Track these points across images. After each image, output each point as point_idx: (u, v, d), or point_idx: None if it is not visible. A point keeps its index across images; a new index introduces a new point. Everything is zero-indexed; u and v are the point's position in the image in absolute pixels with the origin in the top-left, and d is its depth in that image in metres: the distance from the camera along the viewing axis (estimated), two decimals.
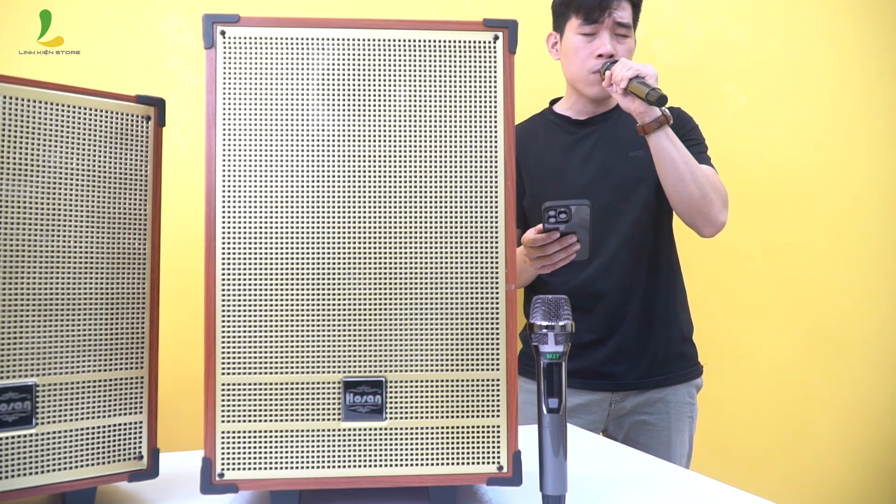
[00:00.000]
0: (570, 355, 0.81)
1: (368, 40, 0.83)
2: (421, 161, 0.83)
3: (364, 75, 0.83)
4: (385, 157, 0.82)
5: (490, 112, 0.84)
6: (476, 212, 0.83)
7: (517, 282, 1.32)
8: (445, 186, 0.83)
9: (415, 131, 0.83)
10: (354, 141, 0.82)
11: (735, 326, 2.05)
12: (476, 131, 0.83)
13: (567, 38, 1.49)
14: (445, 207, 0.83)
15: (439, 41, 0.83)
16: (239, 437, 0.80)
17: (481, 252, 0.83)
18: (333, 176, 0.82)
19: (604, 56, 1.44)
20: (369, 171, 0.82)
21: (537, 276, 1.47)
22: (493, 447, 0.82)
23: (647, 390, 1.51)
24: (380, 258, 0.82)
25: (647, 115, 1.34)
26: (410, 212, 0.82)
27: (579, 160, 1.52)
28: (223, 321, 0.80)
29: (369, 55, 0.83)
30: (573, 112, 1.57)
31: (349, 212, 0.82)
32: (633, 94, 1.33)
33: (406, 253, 0.82)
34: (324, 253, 0.81)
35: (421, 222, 0.82)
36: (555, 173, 1.52)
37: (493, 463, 0.82)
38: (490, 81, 0.84)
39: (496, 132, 0.84)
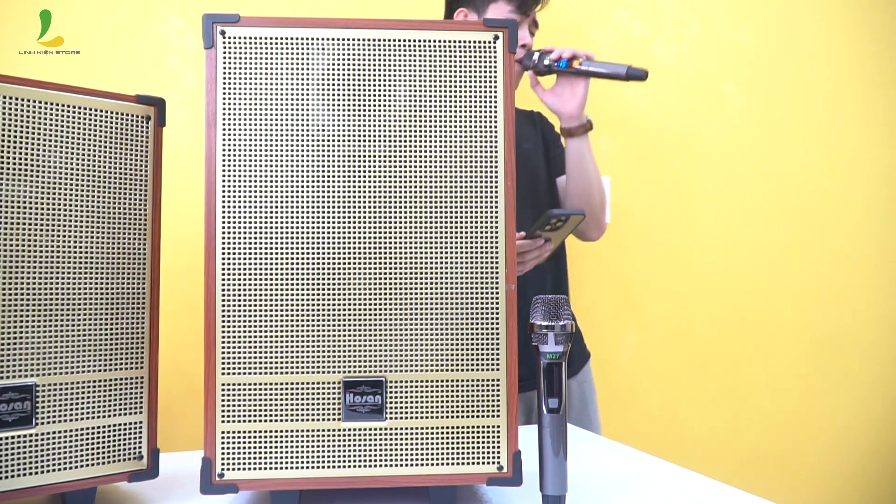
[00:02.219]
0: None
1: (368, 40, 0.83)
2: (421, 161, 0.83)
3: (364, 75, 0.83)
4: (385, 156, 0.82)
5: (490, 112, 0.84)
6: (476, 212, 0.83)
7: None
8: (445, 186, 0.83)
9: (415, 131, 0.83)
10: (354, 141, 0.82)
11: (735, 327, 2.05)
12: (476, 131, 0.83)
13: None
14: (445, 207, 0.83)
15: (439, 41, 0.83)
16: (239, 437, 0.80)
17: (481, 252, 0.83)
18: (333, 176, 0.82)
19: (526, 47, 1.42)
20: (369, 171, 0.82)
21: None
22: (493, 447, 0.82)
23: (568, 379, 1.54)
24: (380, 258, 0.82)
25: (577, 119, 1.36)
26: (410, 212, 0.82)
27: None
28: (223, 321, 0.80)
29: (369, 55, 0.83)
30: None
31: (349, 212, 0.82)
32: (576, 79, 1.32)
33: (406, 253, 0.82)
34: (324, 253, 0.81)
35: (421, 222, 0.82)
36: None
37: (493, 463, 0.82)
38: (490, 81, 0.84)
39: (496, 132, 0.84)
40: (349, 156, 0.82)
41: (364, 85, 0.83)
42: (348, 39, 0.83)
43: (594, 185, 1.41)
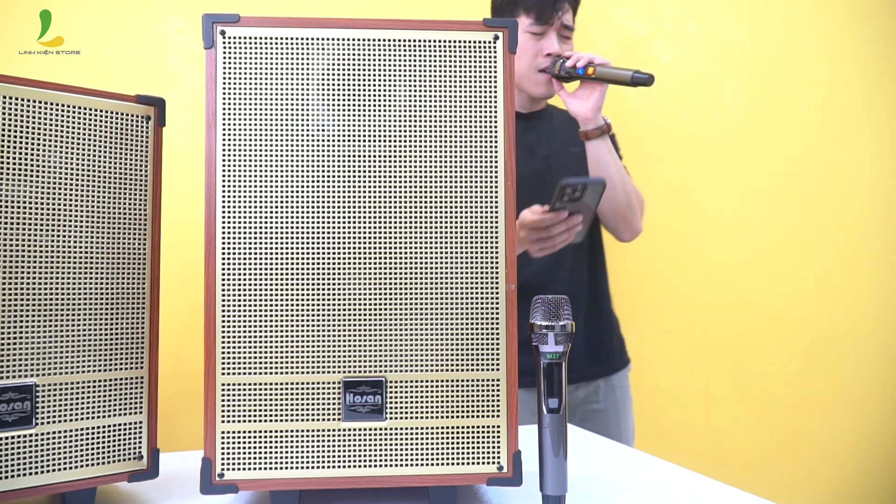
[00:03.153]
0: (523, 353, 0.82)
1: (368, 40, 0.83)
2: (421, 161, 0.83)
3: (364, 75, 0.83)
4: (385, 157, 0.82)
5: (490, 112, 0.84)
6: (476, 212, 0.83)
7: None
8: (445, 186, 0.83)
9: (415, 131, 0.83)
10: (354, 141, 0.82)
11: (734, 327, 2.05)
12: (476, 131, 0.83)
13: None
14: (445, 207, 0.83)
15: (439, 41, 0.83)
16: (239, 437, 0.80)
17: (481, 252, 0.83)
18: (333, 176, 0.82)
19: (552, 55, 1.46)
20: (369, 171, 0.82)
21: None
22: (493, 447, 0.82)
23: (596, 379, 1.56)
24: (380, 258, 0.82)
25: (593, 122, 1.39)
26: (410, 212, 0.82)
27: (524, 152, 1.54)
28: (223, 321, 0.80)
29: (369, 55, 0.83)
30: (516, 105, 1.59)
31: (349, 212, 0.82)
32: (594, 83, 1.36)
33: (406, 253, 0.82)
34: (324, 253, 0.81)
35: (421, 222, 0.82)
36: None
37: (493, 463, 0.82)
38: (490, 81, 0.84)
39: (496, 132, 0.84)
40: (349, 156, 0.82)
41: (364, 85, 0.83)
42: (348, 39, 0.83)
43: (617, 186, 1.44)
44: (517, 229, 1.29)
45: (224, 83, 0.81)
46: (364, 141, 0.82)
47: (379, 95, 0.83)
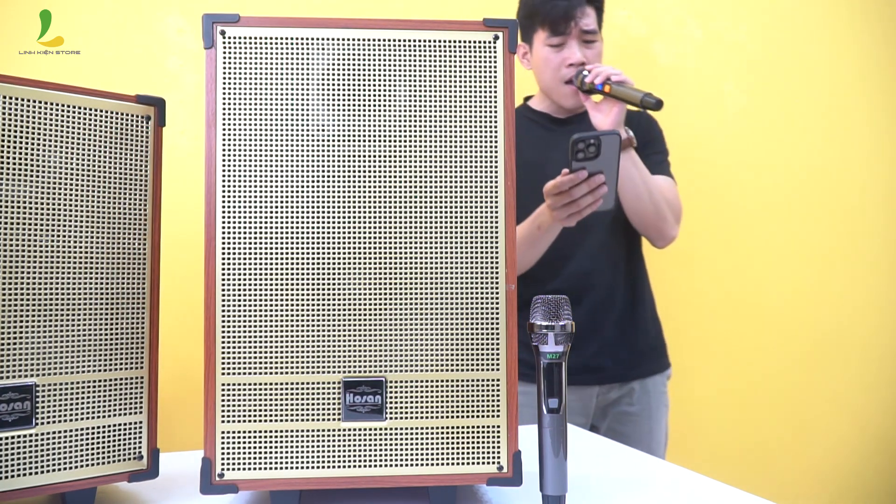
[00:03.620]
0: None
1: (368, 40, 0.83)
2: (421, 161, 0.83)
3: (364, 75, 0.83)
4: (385, 157, 0.82)
5: (490, 112, 0.84)
6: (476, 212, 0.83)
7: (532, 255, 1.24)
8: (445, 186, 0.83)
9: (415, 131, 0.83)
10: (354, 141, 0.82)
11: (733, 326, 2.05)
12: (476, 131, 0.83)
13: (536, 49, 1.51)
14: (445, 207, 0.83)
15: (439, 41, 0.83)
16: (239, 437, 0.80)
17: (481, 252, 0.83)
18: (333, 176, 0.82)
19: (575, 65, 1.46)
20: (369, 171, 0.82)
21: (528, 270, 1.47)
22: (493, 447, 0.82)
23: (630, 381, 1.55)
24: (380, 258, 0.82)
25: None
26: (410, 212, 0.82)
27: (561, 155, 1.53)
28: (223, 321, 0.80)
29: (369, 55, 0.83)
30: (552, 110, 1.59)
31: (349, 212, 0.82)
32: (613, 100, 1.36)
33: (406, 253, 0.82)
34: (324, 253, 0.81)
35: (421, 222, 0.82)
36: (536, 167, 1.52)
37: (493, 463, 0.82)
38: (490, 81, 0.84)
39: (496, 132, 0.84)
40: (349, 156, 0.82)
41: (364, 85, 0.83)
42: (348, 39, 0.83)
43: (643, 198, 1.44)
44: (545, 198, 1.27)
45: (224, 83, 0.81)
46: (364, 141, 0.82)
47: (379, 95, 0.83)
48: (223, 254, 0.80)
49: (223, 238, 0.81)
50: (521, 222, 1.31)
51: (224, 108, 0.81)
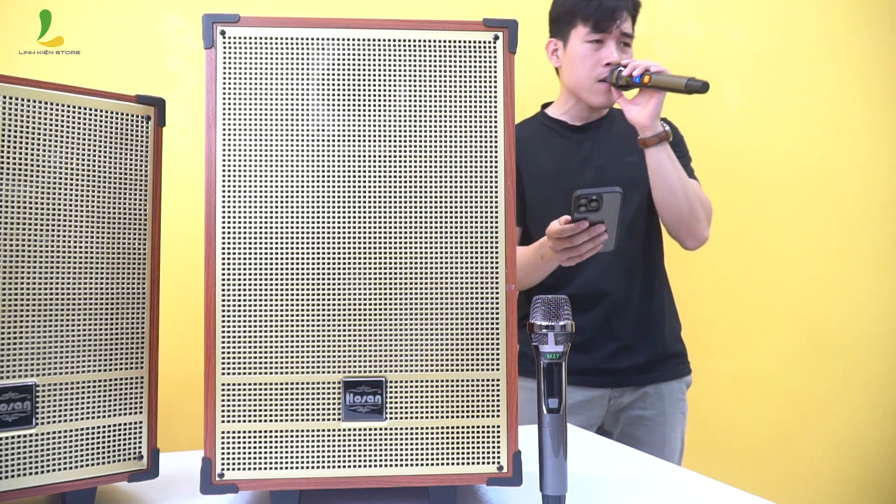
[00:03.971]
0: (571, 352, 0.81)
1: (368, 40, 0.83)
2: (421, 161, 0.83)
3: (364, 75, 0.83)
4: (385, 157, 0.82)
5: (490, 112, 0.84)
6: (476, 212, 0.83)
7: (534, 278, 1.28)
8: (445, 186, 0.83)
9: (415, 131, 0.83)
10: (354, 141, 0.82)
11: (734, 326, 2.05)
12: (476, 131, 0.83)
13: (572, 45, 1.50)
14: (445, 207, 0.83)
15: (439, 41, 0.83)
16: (239, 437, 0.80)
17: (481, 252, 0.83)
18: (333, 176, 0.82)
19: (611, 64, 1.46)
20: (369, 171, 0.82)
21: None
22: (493, 447, 0.82)
23: (644, 386, 1.54)
24: (380, 258, 0.82)
25: (650, 129, 1.39)
26: (410, 212, 0.82)
27: (577, 164, 1.54)
28: (223, 321, 0.80)
29: (369, 55, 0.83)
30: (569, 117, 1.58)
31: (349, 212, 0.82)
32: (651, 91, 1.35)
33: (406, 253, 0.82)
34: (324, 253, 0.81)
35: (421, 222, 0.82)
36: (553, 176, 1.53)
37: (493, 463, 0.82)
38: (490, 81, 0.84)
39: (496, 132, 0.84)
40: (349, 156, 0.82)
41: (364, 85, 0.83)
42: (348, 39, 0.83)
43: (677, 194, 1.43)
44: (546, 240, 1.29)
45: (224, 83, 0.81)
46: (364, 141, 0.82)
47: (379, 95, 0.83)
48: (223, 254, 0.80)
49: (223, 238, 0.81)
50: (541, 235, 1.31)
51: (224, 108, 0.81)
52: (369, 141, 0.82)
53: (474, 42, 0.84)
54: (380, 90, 0.83)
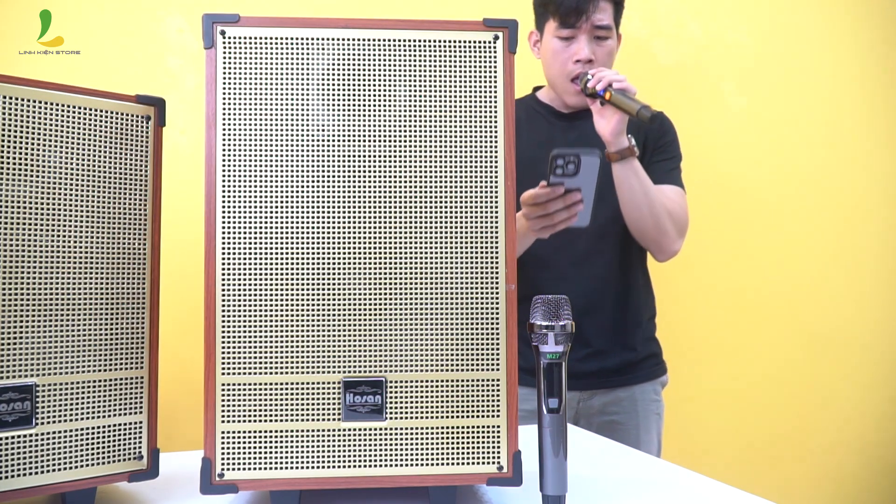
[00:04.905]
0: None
1: (368, 40, 0.83)
2: (421, 161, 0.83)
3: (364, 75, 0.83)
4: (385, 157, 0.82)
5: (490, 112, 0.84)
6: (476, 212, 0.83)
7: None
8: (445, 186, 0.83)
9: (415, 131, 0.83)
10: (354, 141, 0.82)
11: (734, 326, 2.05)
12: (476, 131, 0.83)
13: (545, 39, 1.48)
14: (445, 207, 0.83)
15: (439, 41, 0.83)
16: (239, 437, 0.80)
17: (481, 252, 0.83)
18: (333, 176, 0.82)
19: (581, 61, 1.42)
20: (369, 171, 0.82)
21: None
22: (493, 447, 0.82)
23: (614, 388, 1.51)
24: (380, 258, 0.82)
25: (613, 144, 1.35)
26: (410, 212, 0.82)
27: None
28: (223, 321, 0.80)
29: (369, 55, 0.83)
30: (557, 104, 1.55)
31: (349, 212, 0.82)
32: (613, 107, 1.31)
33: (406, 253, 0.82)
34: (324, 253, 0.81)
35: (421, 222, 0.82)
36: (532, 163, 1.48)
37: (493, 463, 0.82)
38: (490, 81, 0.84)
39: (496, 132, 0.84)
40: (349, 156, 0.82)
41: (364, 85, 0.83)
42: (348, 39, 0.83)
43: (642, 210, 1.39)
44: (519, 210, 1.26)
45: (224, 83, 0.81)
46: (364, 141, 0.82)
47: (379, 95, 0.83)
48: (223, 254, 0.80)
49: (223, 238, 0.81)
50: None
51: (224, 108, 0.81)
52: (369, 141, 0.82)
53: (474, 42, 0.84)
54: (380, 90, 0.83)
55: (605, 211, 1.48)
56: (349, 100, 0.82)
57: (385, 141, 0.82)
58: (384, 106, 0.83)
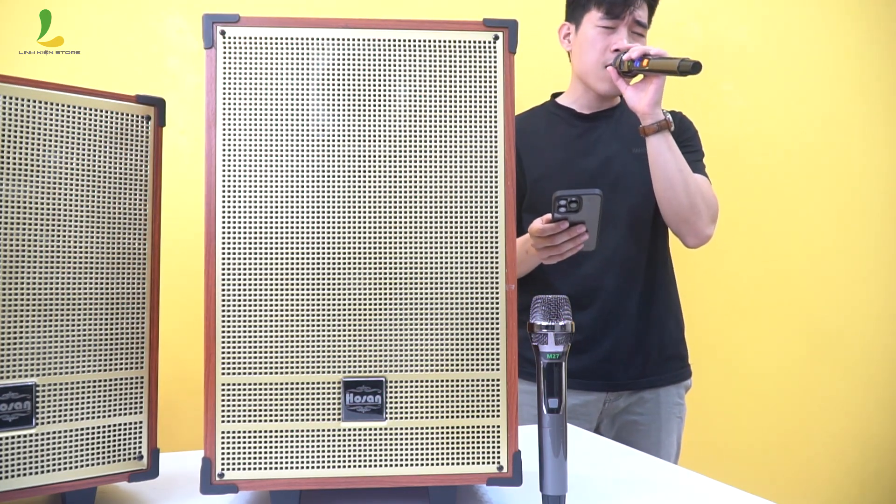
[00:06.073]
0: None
1: (368, 40, 0.83)
2: (421, 161, 0.83)
3: (364, 75, 0.83)
4: (385, 156, 0.82)
5: (490, 112, 0.84)
6: (476, 212, 0.83)
7: (520, 270, 1.30)
8: (445, 186, 0.83)
9: (415, 131, 0.83)
10: (354, 141, 0.82)
11: (734, 327, 2.05)
12: (476, 131, 0.83)
13: (584, 29, 1.49)
14: (445, 207, 0.83)
15: (439, 41, 0.83)
16: (239, 437, 0.80)
17: (481, 252, 0.83)
18: (333, 176, 0.82)
19: (620, 51, 1.43)
20: (369, 171, 0.82)
21: (537, 270, 1.46)
22: (493, 447, 0.82)
23: (640, 390, 1.51)
24: (380, 258, 0.82)
25: (650, 116, 1.35)
26: (410, 212, 0.82)
27: (582, 153, 1.52)
28: (223, 321, 0.80)
29: (369, 55, 0.83)
30: (578, 105, 1.56)
31: (349, 212, 0.82)
32: (653, 74, 1.32)
33: (406, 253, 0.82)
34: (324, 253, 0.81)
35: (421, 222, 0.82)
36: (557, 165, 1.51)
37: (493, 463, 0.82)
38: (490, 81, 0.84)
39: (496, 132, 0.84)
40: (349, 156, 0.82)
41: (364, 85, 0.83)
42: (348, 39, 0.83)
43: (677, 185, 1.38)
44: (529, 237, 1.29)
45: (224, 83, 0.81)
46: (364, 141, 0.82)
47: (379, 95, 0.83)
48: (223, 254, 0.81)
49: (223, 238, 0.81)
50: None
51: (224, 108, 0.81)
52: (369, 141, 0.82)
53: (474, 42, 0.84)
54: (380, 90, 0.83)
55: (636, 199, 1.49)
56: (349, 100, 0.82)
57: (385, 141, 0.82)
58: (384, 106, 0.83)
